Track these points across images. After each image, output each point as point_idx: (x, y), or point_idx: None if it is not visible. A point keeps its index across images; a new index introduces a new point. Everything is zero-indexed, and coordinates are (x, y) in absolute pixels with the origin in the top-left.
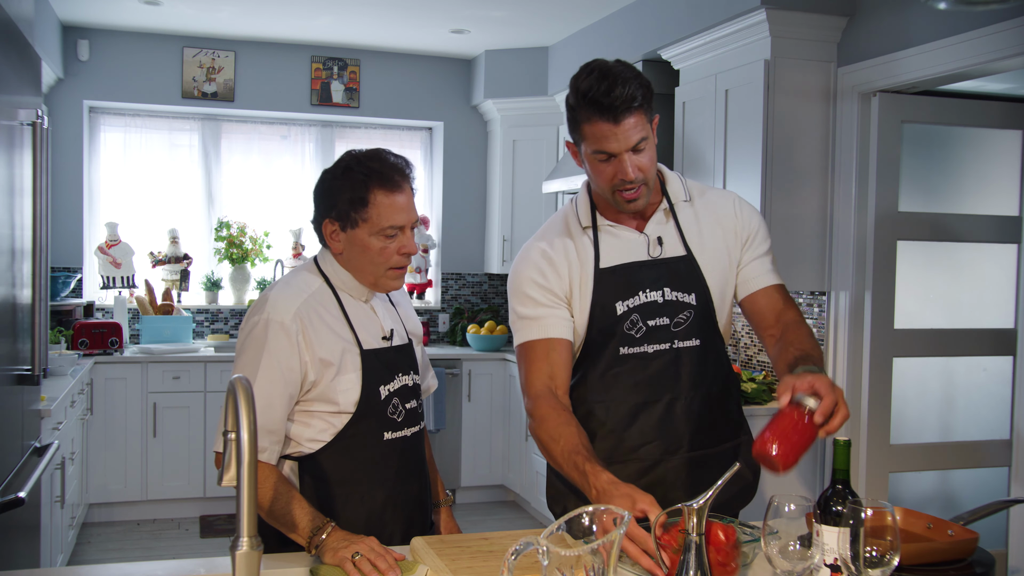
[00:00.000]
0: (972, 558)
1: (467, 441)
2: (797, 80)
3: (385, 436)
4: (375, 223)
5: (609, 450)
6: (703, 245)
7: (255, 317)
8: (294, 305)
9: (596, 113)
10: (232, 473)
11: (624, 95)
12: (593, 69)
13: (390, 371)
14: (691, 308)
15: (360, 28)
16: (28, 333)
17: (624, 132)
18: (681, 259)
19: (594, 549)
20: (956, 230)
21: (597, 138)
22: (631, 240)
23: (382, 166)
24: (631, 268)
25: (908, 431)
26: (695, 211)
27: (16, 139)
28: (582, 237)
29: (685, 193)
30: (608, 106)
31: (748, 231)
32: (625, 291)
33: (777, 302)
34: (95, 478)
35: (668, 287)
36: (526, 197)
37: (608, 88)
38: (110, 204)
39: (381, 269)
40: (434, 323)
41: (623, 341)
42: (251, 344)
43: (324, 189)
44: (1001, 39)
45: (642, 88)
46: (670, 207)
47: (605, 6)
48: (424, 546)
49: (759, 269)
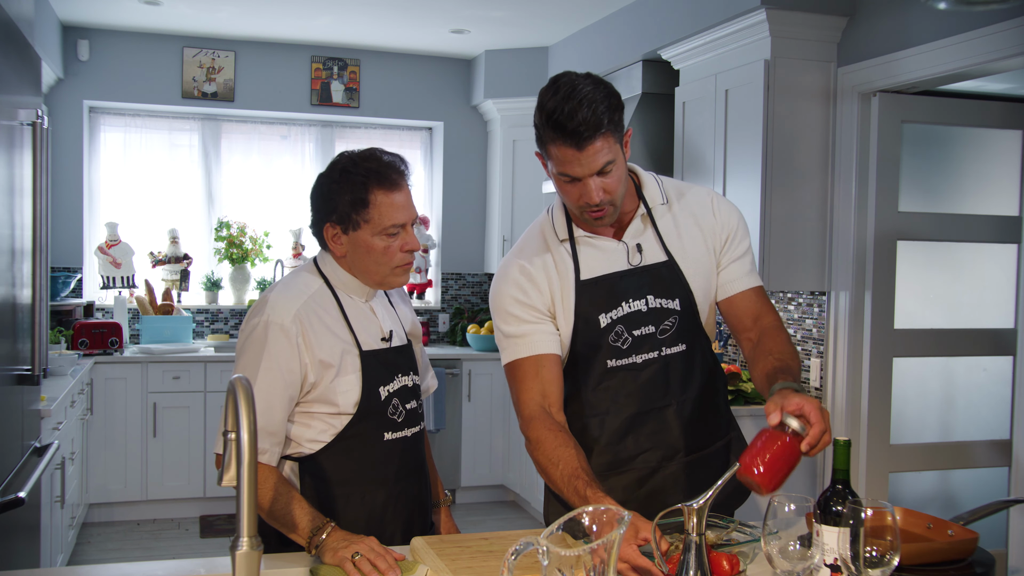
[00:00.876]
0: (972, 558)
1: (467, 441)
2: (797, 80)
3: (385, 437)
4: (377, 223)
5: (607, 463)
6: (683, 248)
7: (255, 319)
8: (294, 307)
9: (560, 137)
10: (232, 473)
11: (589, 120)
12: (559, 87)
13: (390, 372)
14: (676, 314)
15: (360, 28)
16: (28, 333)
17: (588, 158)
18: (662, 264)
19: (594, 549)
20: (956, 230)
21: (561, 161)
22: (610, 250)
23: (379, 166)
24: (612, 279)
25: (908, 431)
26: (673, 214)
27: (16, 139)
28: (560, 250)
29: (662, 196)
30: (572, 131)
31: (727, 230)
32: (607, 303)
33: (755, 305)
34: (95, 478)
35: (651, 294)
36: (526, 197)
37: (572, 112)
38: (110, 204)
39: (387, 268)
40: (434, 323)
41: (610, 354)
42: (251, 346)
43: (322, 193)
44: (1001, 39)
45: (609, 110)
46: (648, 212)
47: (605, 6)
48: (424, 546)
49: (737, 272)
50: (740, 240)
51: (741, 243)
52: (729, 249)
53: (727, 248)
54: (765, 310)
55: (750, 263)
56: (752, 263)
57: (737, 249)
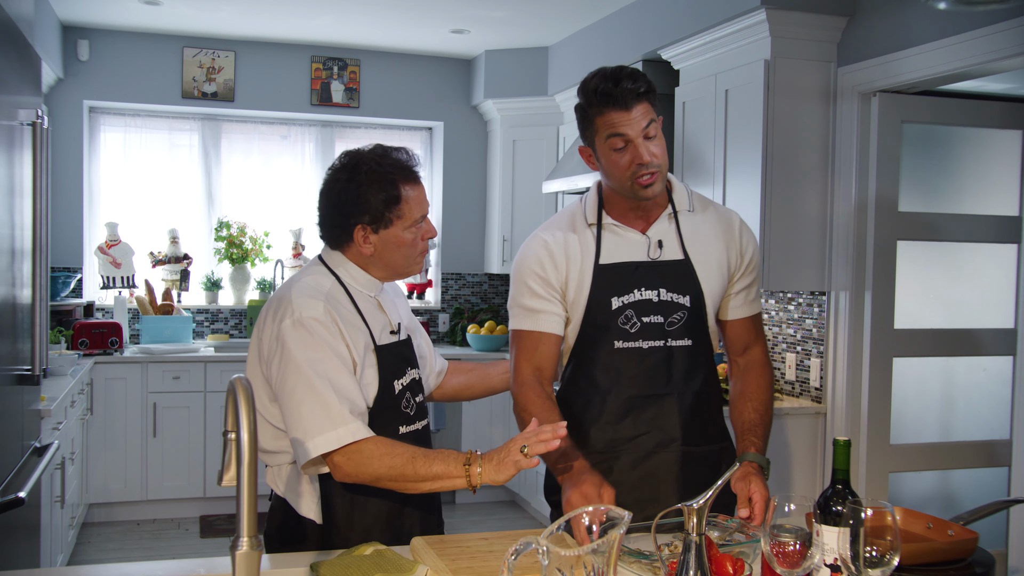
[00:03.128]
0: (972, 558)
1: (467, 441)
2: (797, 80)
3: (400, 430)
4: (408, 217)
5: (606, 442)
6: (701, 252)
7: (284, 320)
8: (320, 302)
9: (607, 104)
10: (232, 473)
11: (632, 86)
12: (600, 70)
13: (401, 365)
14: (684, 309)
15: (360, 28)
16: (28, 333)
17: (635, 118)
18: (679, 263)
19: (594, 549)
20: (956, 230)
21: (610, 125)
22: (633, 240)
23: (400, 160)
24: (629, 266)
25: (908, 431)
26: (697, 221)
27: (16, 139)
28: (585, 232)
29: (689, 204)
30: (619, 95)
31: (747, 257)
32: (621, 288)
33: (748, 333)
34: (95, 478)
35: (664, 287)
36: (526, 197)
37: (616, 79)
38: (110, 204)
39: (412, 258)
40: (434, 323)
41: (618, 335)
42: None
43: (350, 196)
44: (1001, 39)
45: (647, 83)
46: (674, 213)
47: (605, 6)
48: (424, 546)
49: (741, 300)
50: (753, 268)
51: (751, 273)
52: (741, 276)
53: (742, 274)
54: (756, 340)
55: (755, 292)
56: (757, 291)
57: (747, 278)
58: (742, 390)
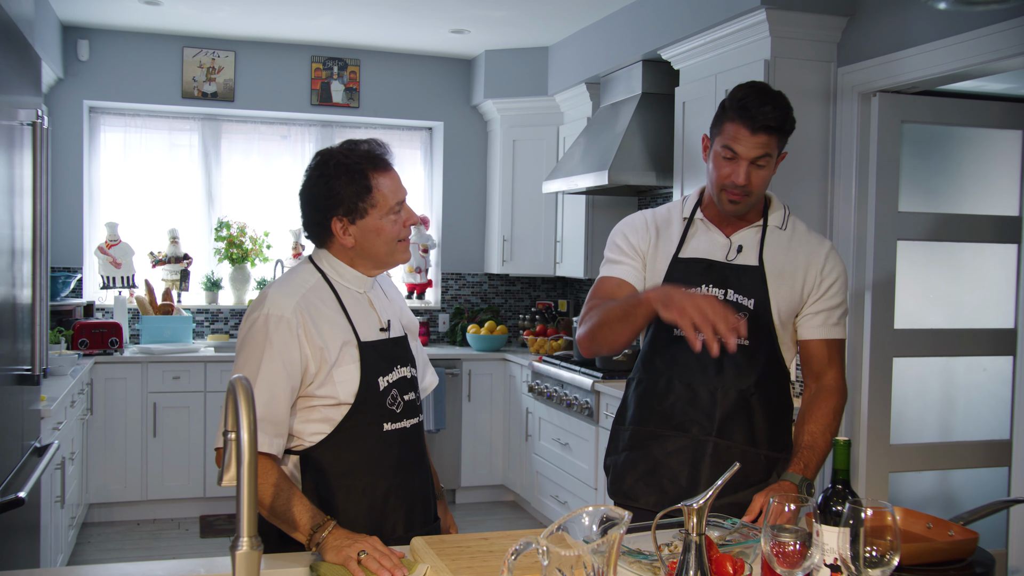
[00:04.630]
0: (972, 558)
1: (467, 441)
2: (797, 80)
3: (384, 427)
4: (383, 205)
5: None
6: (777, 264)
7: (255, 313)
8: (293, 299)
9: (740, 117)
10: (232, 473)
11: (771, 116)
12: (756, 84)
13: (388, 362)
14: (747, 311)
15: (360, 28)
16: (28, 333)
17: (754, 142)
18: (752, 268)
19: (594, 549)
20: (956, 230)
21: (731, 137)
22: (715, 241)
23: (369, 151)
24: (704, 263)
25: (908, 431)
26: (784, 238)
27: (16, 139)
28: (676, 225)
29: (783, 223)
30: (753, 116)
31: (827, 281)
32: (690, 282)
33: (823, 356)
34: (95, 478)
35: (732, 288)
36: (526, 197)
37: (762, 103)
38: (110, 204)
39: (393, 245)
40: (434, 323)
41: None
42: (252, 339)
43: (322, 191)
44: (1001, 39)
45: (787, 122)
46: (763, 227)
47: (605, 6)
48: (424, 546)
49: (820, 321)
50: (835, 293)
51: (835, 296)
52: (822, 299)
53: (820, 296)
54: (831, 365)
55: (837, 317)
56: (840, 318)
57: (830, 300)
58: (806, 412)
